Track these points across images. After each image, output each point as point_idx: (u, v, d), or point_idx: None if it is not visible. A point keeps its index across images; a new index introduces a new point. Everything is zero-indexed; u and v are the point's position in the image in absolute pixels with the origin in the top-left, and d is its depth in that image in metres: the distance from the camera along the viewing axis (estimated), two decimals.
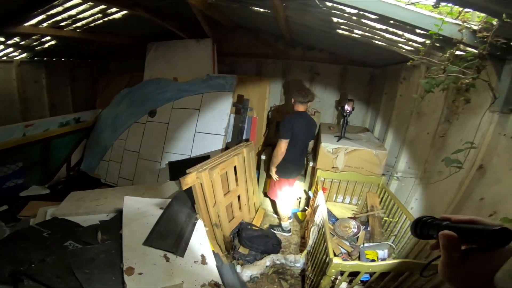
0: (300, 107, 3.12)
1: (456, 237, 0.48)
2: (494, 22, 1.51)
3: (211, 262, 2.40)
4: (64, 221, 2.66)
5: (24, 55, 4.15)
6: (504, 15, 1.38)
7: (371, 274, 1.88)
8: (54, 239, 2.30)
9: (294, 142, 3.07)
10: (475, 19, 1.70)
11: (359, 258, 2.32)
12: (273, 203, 3.74)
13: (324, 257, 2.02)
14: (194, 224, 2.67)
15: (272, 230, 3.53)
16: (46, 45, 3.94)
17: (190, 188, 2.58)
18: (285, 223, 3.56)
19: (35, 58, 4.32)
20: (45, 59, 4.46)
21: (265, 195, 4.06)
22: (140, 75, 4.67)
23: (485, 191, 1.81)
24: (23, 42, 3.70)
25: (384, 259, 2.25)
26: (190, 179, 2.51)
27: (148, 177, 4.22)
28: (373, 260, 2.25)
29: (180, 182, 2.45)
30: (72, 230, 2.48)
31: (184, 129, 4.10)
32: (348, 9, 1.90)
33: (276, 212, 3.78)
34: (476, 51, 1.67)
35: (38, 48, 3.98)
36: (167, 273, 2.15)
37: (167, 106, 4.26)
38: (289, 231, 3.57)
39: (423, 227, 0.59)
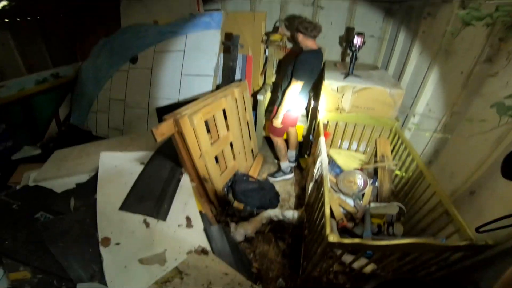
0: (312, 43, 2.72)
1: None
2: None
3: (198, 224, 2.17)
4: (37, 189, 2.44)
5: None
6: None
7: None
8: (24, 212, 2.10)
9: (308, 82, 2.81)
10: None
11: (363, 220, 2.01)
12: (273, 146, 3.42)
13: (320, 227, 1.73)
14: (179, 181, 2.36)
15: (272, 179, 3.30)
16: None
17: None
18: (285, 163, 3.33)
19: None
20: (6, 20, 3.91)
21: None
22: (118, 24, 4.13)
23: None
24: None
25: (391, 224, 1.93)
26: (166, 128, 2.07)
27: (137, 126, 3.99)
28: (378, 226, 1.94)
29: (153, 133, 1.96)
30: (44, 199, 2.26)
31: (169, 73, 3.74)
32: None
33: (276, 156, 3.52)
34: None
35: None
36: (147, 241, 1.95)
37: (149, 50, 3.87)
38: (290, 171, 3.36)
39: None
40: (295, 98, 2.77)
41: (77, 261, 1.73)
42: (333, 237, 1.39)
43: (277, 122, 2.90)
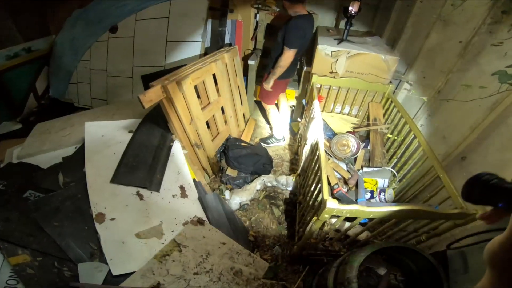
0: (301, 8, 2.52)
1: None
2: None
3: (192, 194, 2.14)
4: (22, 166, 2.30)
5: None
6: None
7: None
8: (12, 191, 1.98)
9: (300, 48, 2.66)
10: None
11: (356, 186, 2.04)
12: (265, 111, 3.37)
13: (316, 193, 1.75)
14: (170, 148, 2.28)
15: (264, 145, 3.27)
16: None
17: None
18: (277, 130, 3.31)
19: None
20: None
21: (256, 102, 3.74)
22: None
23: None
24: None
25: (383, 190, 1.97)
26: (154, 94, 1.98)
27: (122, 94, 3.83)
28: (371, 191, 1.98)
29: (140, 99, 1.88)
30: (31, 176, 2.13)
31: (153, 40, 3.55)
32: None
33: (268, 121, 3.48)
34: None
35: None
36: (142, 214, 1.90)
37: (130, 19, 3.64)
38: (283, 139, 3.35)
39: (484, 189, 0.45)
40: (287, 66, 2.67)
41: (74, 240, 1.67)
42: (331, 203, 1.39)
43: (268, 86, 2.82)
